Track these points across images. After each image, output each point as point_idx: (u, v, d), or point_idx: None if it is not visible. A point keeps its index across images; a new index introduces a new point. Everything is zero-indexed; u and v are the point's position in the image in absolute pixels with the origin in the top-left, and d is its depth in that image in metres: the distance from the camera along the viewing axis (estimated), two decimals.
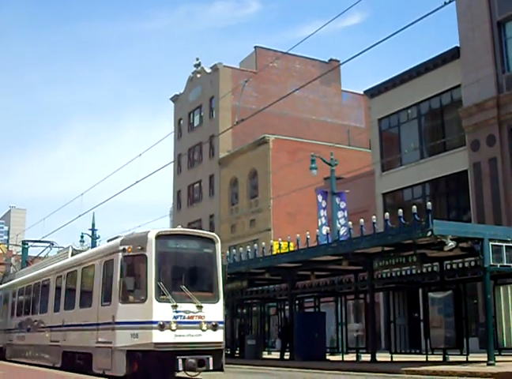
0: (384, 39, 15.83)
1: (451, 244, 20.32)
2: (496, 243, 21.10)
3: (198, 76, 65.92)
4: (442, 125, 37.42)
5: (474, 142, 33.63)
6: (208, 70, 64.19)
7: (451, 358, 23.84)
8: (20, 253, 50.41)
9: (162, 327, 16.29)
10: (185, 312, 16.60)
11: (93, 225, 52.62)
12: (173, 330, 16.36)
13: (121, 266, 17.21)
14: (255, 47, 64.99)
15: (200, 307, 16.77)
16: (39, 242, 40.64)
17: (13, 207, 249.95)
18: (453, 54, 35.77)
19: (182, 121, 68.81)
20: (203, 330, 16.73)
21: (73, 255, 23.42)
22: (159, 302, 16.51)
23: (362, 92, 47.74)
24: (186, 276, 17.57)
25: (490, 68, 32.98)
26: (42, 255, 39.50)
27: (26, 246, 48.73)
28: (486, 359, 20.46)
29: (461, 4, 33.61)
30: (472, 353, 23.47)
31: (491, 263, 20.95)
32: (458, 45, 35.51)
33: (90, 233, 52.96)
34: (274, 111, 55.33)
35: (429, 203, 21.76)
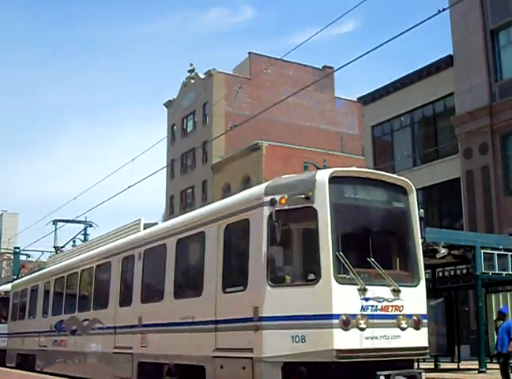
0: (377, 47, 15.84)
1: (443, 251, 20.34)
2: (488, 251, 21.17)
3: (192, 81, 65.90)
4: (434, 133, 37.51)
5: (467, 150, 33.71)
6: (202, 76, 64.18)
7: (442, 366, 23.85)
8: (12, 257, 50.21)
9: (346, 324, 10.38)
10: (377, 299, 10.85)
11: (85, 230, 52.36)
12: (361, 329, 10.55)
13: (269, 228, 10.93)
14: (249, 53, 65.02)
15: (397, 292, 11.07)
16: (73, 221, 32.99)
17: (5, 211, 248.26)
18: (447, 62, 35.88)
19: (175, 127, 68.74)
20: (402, 329, 11.09)
21: (145, 229, 16.78)
22: (339, 283, 10.51)
23: (355, 99, 47.82)
24: (371, 244, 11.38)
25: (483, 76, 33.09)
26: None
27: (18, 251, 48.57)
28: (477, 367, 20.50)
29: (455, 12, 33.70)
30: (463, 360, 23.49)
31: (483, 271, 21.01)
32: (452, 53, 35.64)
33: (82, 238, 52.68)
34: (267, 118, 55.38)
35: (421, 210, 21.74)
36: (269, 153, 54.62)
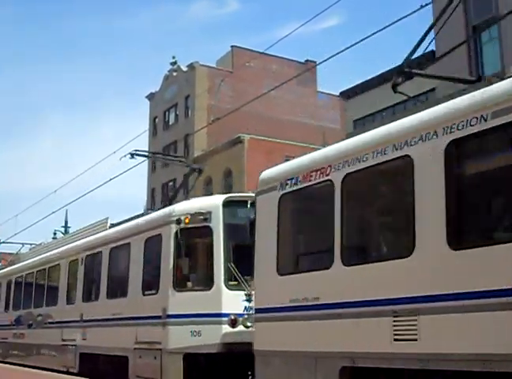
0: (359, 42, 15.79)
1: None
2: None
3: (174, 74, 65.75)
4: None
5: None
6: (185, 69, 64.04)
7: None
8: None
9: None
10: None
11: (66, 222, 52.13)
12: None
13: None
14: (232, 47, 64.94)
15: None
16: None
17: None
18: (429, 58, 35.94)
19: (157, 120, 68.61)
20: None
21: None
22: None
23: (338, 94, 47.89)
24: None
25: (465, 73, 33.19)
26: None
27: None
28: None
29: (438, 7, 33.77)
30: None
31: None
32: (434, 49, 35.71)
33: (63, 230, 52.52)
34: (250, 111, 55.30)
35: None
36: (251, 147, 54.59)
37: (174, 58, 66.71)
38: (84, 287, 17.92)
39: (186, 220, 13.07)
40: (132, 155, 17.59)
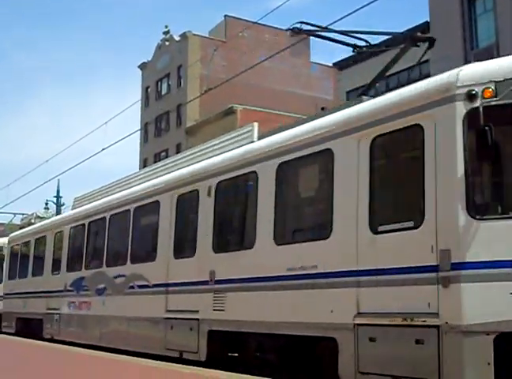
0: (352, 12, 15.71)
1: None
2: None
3: (167, 43, 65.29)
4: None
5: None
6: (177, 38, 63.57)
7: None
8: None
9: None
10: None
11: (58, 192, 52.10)
12: None
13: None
14: (225, 16, 64.44)
15: None
16: None
17: None
18: (423, 30, 35.75)
19: (149, 90, 68.22)
20: None
21: None
22: None
23: (331, 64, 47.69)
24: None
25: (459, 44, 33.05)
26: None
27: None
28: None
29: None
30: None
31: None
32: (428, 20, 35.53)
33: (55, 200, 52.47)
34: (242, 81, 55.05)
35: None
36: (244, 117, 54.34)
37: (166, 27, 66.24)
38: (216, 231, 12.03)
39: (487, 93, 7.40)
40: (293, 30, 12.14)
